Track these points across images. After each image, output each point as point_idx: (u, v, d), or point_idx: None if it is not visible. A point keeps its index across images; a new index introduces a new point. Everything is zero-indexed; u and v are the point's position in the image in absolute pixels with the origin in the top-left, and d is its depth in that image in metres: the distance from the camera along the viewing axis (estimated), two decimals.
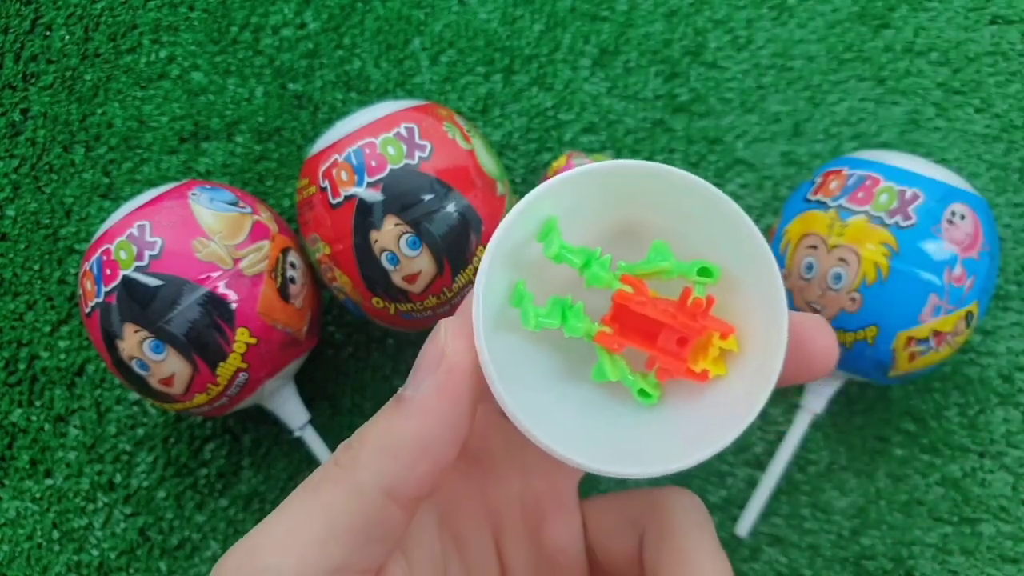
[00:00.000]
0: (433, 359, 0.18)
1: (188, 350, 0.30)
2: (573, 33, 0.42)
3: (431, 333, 0.19)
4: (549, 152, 0.40)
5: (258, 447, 0.38)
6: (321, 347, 0.39)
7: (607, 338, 0.19)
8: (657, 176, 0.18)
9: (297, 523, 0.18)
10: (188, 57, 0.42)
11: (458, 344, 0.18)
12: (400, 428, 0.18)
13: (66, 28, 0.43)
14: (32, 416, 0.39)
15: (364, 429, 0.18)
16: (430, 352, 0.18)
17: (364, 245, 0.31)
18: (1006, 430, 0.37)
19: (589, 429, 0.19)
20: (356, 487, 0.17)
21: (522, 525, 0.23)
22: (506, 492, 0.22)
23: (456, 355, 0.18)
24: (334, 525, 0.17)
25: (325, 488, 0.18)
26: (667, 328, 0.19)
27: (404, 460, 0.17)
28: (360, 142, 0.31)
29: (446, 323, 0.18)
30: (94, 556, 0.37)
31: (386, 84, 0.41)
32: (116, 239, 0.31)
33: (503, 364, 0.18)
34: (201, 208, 0.32)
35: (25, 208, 0.41)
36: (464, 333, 0.18)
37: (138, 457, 0.38)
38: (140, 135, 0.41)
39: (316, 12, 0.42)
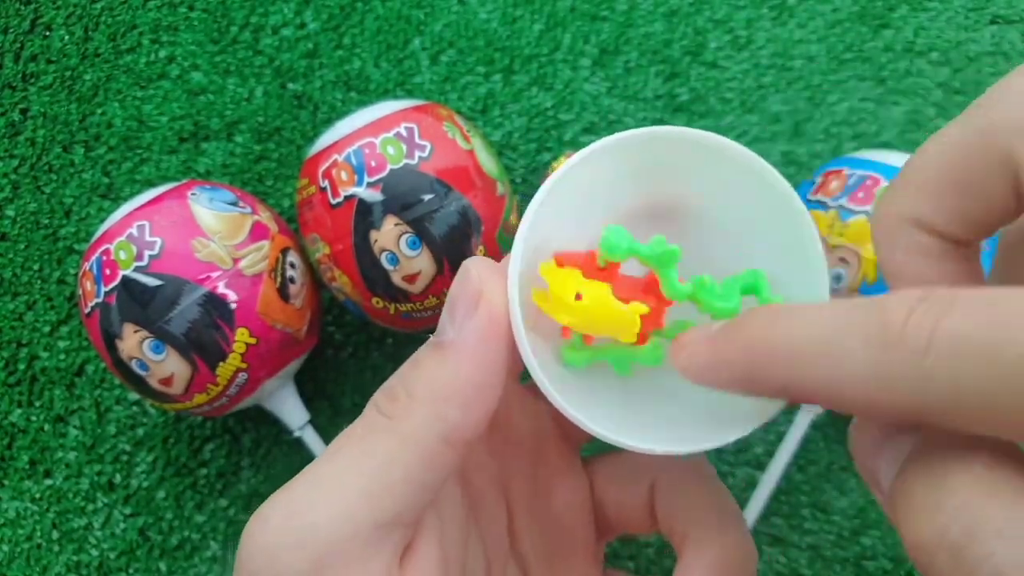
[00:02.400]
0: (470, 300, 0.17)
1: (188, 350, 0.30)
2: (573, 33, 0.42)
3: (460, 273, 0.18)
4: (549, 152, 0.40)
5: (258, 447, 0.38)
6: (321, 347, 0.38)
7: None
8: (707, 148, 0.18)
9: (345, 476, 0.17)
10: (188, 57, 0.42)
11: (494, 285, 0.17)
12: (451, 373, 0.17)
13: (66, 28, 0.43)
14: (32, 416, 0.39)
15: (407, 377, 0.18)
16: (464, 293, 0.18)
17: (364, 245, 0.31)
18: None
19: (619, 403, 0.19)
20: (412, 436, 0.17)
21: (531, 486, 0.22)
22: (516, 451, 0.22)
23: (494, 295, 0.17)
24: (388, 476, 0.17)
25: (376, 439, 0.17)
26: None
27: (459, 405, 0.17)
28: (360, 142, 0.31)
29: (475, 263, 0.18)
30: (94, 556, 0.37)
31: (386, 84, 0.41)
32: (116, 239, 0.31)
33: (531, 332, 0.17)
34: (201, 208, 0.32)
35: (25, 208, 0.41)
36: (497, 274, 0.18)
37: (138, 457, 0.38)
38: (140, 135, 0.41)
39: (316, 12, 0.42)
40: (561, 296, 0.18)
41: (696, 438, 0.18)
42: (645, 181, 0.19)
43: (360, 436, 0.17)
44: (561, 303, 0.18)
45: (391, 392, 0.18)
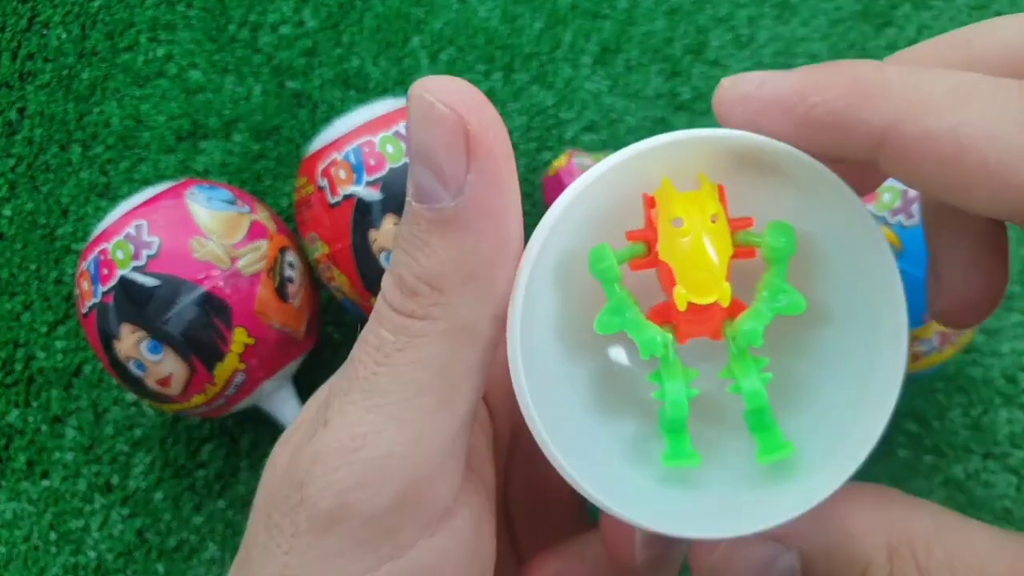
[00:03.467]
0: (456, 144, 0.14)
1: (185, 350, 0.30)
2: (574, 31, 0.41)
3: (416, 108, 0.14)
4: (550, 151, 0.40)
5: (256, 448, 0.37)
6: (319, 347, 0.38)
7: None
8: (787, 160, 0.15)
9: (404, 393, 0.15)
10: (186, 55, 0.42)
11: (479, 112, 0.14)
12: (473, 247, 0.15)
13: (63, 26, 0.43)
14: (29, 417, 0.38)
15: (423, 267, 0.15)
16: (445, 136, 0.14)
17: (363, 244, 0.31)
18: (1010, 431, 0.36)
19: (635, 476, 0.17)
20: (463, 328, 0.15)
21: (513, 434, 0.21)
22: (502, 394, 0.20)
23: (484, 127, 0.14)
24: (452, 382, 0.15)
25: (421, 344, 0.15)
26: None
27: (497, 278, 0.15)
28: (359, 140, 0.31)
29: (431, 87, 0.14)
30: (91, 558, 0.37)
31: (385, 82, 0.41)
32: (113, 239, 0.31)
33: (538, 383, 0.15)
34: (198, 207, 0.31)
35: (22, 208, 0.41)
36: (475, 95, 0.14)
37: (136, 458, 0.38)
38: (137, 134, 0.41)
39: (315, 10, 0.42)
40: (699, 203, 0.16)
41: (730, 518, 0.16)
42: None
43: (399, 348, 0.15)
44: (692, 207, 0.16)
45: (411, 289, 0.15)
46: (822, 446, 0.16)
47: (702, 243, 0.16)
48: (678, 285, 0.16)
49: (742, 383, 0.16)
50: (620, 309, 0.16)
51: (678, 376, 0.16)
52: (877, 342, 0.16)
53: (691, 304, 0.16)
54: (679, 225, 0.16)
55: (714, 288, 0.16)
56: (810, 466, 0.16)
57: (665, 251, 0.16)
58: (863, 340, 0.16)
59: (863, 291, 0.16)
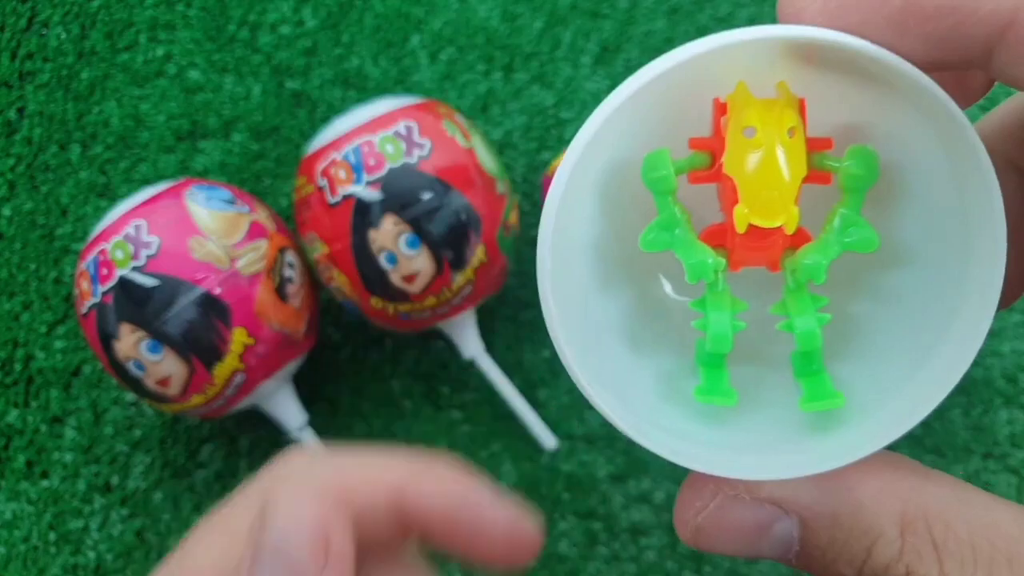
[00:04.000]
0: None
1: (185, 350, 0.30)
2: (574, 30, 0.41)
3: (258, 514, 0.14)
4: (550, 151, 0.40)
5: (256, 449, 0.37)
6: (319, 348, 0.38)
7: None
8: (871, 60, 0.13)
9: None
10: (185, 55, 0.42)
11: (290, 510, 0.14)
12: None
13: (63, 26, 0.42)
14: (28, 417, 0.38)
15: None
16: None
17: (362, 244, 0.31)
18: (1010, 431, 0.36)
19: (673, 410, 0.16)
20: None
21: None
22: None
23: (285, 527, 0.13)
24: None
25: None
26: None
27: None
28: (358, 140, 0.31)
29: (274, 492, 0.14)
30: (90, 558, 0.37)
31: (385, 82, 0.41)
32: (112, 238, 0.31)
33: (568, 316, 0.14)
34: (197, 207, 0.31)
35: (21, 207, 0.41)
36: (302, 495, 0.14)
37: (135, 459, 0.38)
38: (137, 134, 0.41)
39: (314, 9, 0.42)
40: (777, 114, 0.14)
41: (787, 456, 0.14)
42: None
43: None
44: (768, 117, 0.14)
45: None
46: (874, 398, 0.15)
47: (775, 158, 0.14)
48: (740, 204, 0.14)
49: (796, 321, 0.14)
50: (670, 225, 0.14)
51: (725, 306, 0.15)
52: (961, 289, 0.14)
53: (752, 227, 0.14)
54: (751, 135, 0.14)
55: (781, 211, 0.14)
56: (858, 418, 0.14)
57: (731, 164, 0.14)
58: (942, 286, 0.14)
59: (952, 230, 0.14)
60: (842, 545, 0.14)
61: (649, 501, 0.36)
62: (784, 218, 0.14)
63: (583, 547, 0.36)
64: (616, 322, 0.16)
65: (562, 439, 0.37)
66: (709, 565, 0.35)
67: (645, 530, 0.36)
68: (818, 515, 0.14)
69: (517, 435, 0.37)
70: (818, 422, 0.15)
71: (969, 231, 0.14)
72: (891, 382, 0.15)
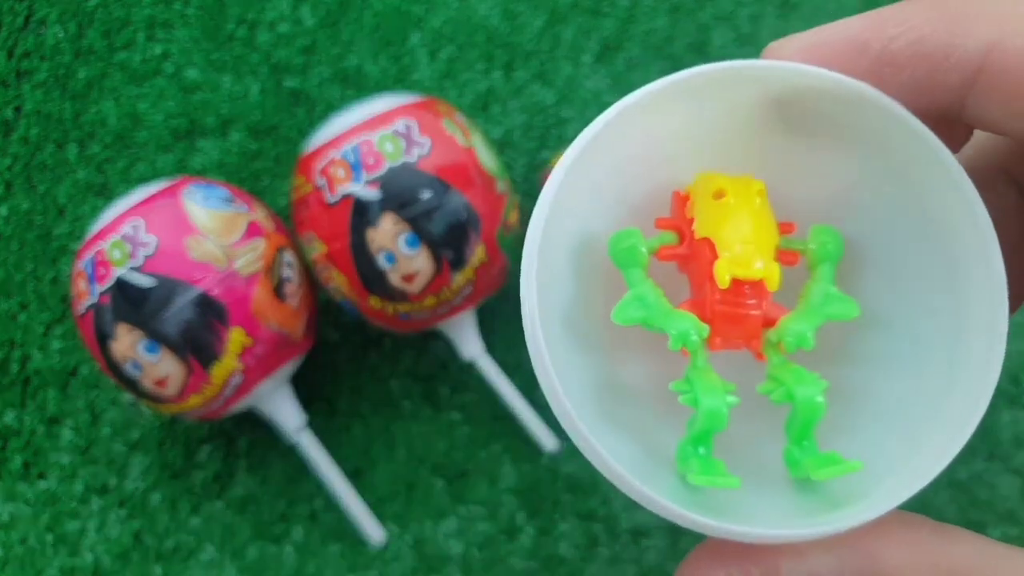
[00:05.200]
0: None
1: (182, 351, 0.30)
2: (574, 29, 0.41)
3: None
4: (550, 149, 0.40)
5: (254, 450, 0.37)
6: (317, 348, 0.38)
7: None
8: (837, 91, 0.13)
9: None
10: (183, 54, 0.41)
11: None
12: None
13: (60, 24, 0.42)
14: (25, 418, 0.38)
15: None
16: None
17: (361, 244, 0.31)
18: (1013, 433, 0.36)
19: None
20: None
21: None
22: None
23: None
24: None
25: None
26: None
27: None
28: (357, 139, 0.31)
29: None
30: (88, 560, 0.36)
31: (384, 80, 0.41)
32: (109, 238, 0.30)
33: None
34: (195, 206, 0.31)
35: (18, 207, 0.40)
36: None
37: (133, 460, 0.37)
38: (134, 133, 0.41)
39: (313, 7, 0.42)
40: (744, 183, 0.14)
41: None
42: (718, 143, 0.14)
43: None
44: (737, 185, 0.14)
45: None
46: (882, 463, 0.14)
47: (748, 213, 0.14)
48: (719, 259, 0.14)
49: (795, 391, 0.14)
50: (643, 297, 0.14)
51: (713, 381, 0.14)
52: (958, 347, 0.14)
53: (734, 283, 0.14)
54: (720, 198, 0.14)
55: (760, 260, 0.13)
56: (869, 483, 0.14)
57: (704, 226, 0.14)
58: (937, 345, 0.14)
59: (944, 281, 0.14)
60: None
61: None
62: (765, 269, 0.14)
63: (584, 549, 0.35)
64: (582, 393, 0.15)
65: (562, 440, 0.36)
66: None
67: (646, 532, 0.35)
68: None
69: (517, 436, 0.36)
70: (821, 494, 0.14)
71: (960, 275, 0.13)
72: (896, 445, 0.14)
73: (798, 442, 0.14)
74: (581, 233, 0.15)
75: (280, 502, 0.36)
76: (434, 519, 0.36)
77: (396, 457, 0.37)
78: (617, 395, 0.16)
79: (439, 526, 0.36)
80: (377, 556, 0.36)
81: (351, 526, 0.35)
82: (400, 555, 0.36)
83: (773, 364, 0.14)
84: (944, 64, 0.12)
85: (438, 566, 0.35)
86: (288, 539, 0.36)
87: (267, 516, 0.36)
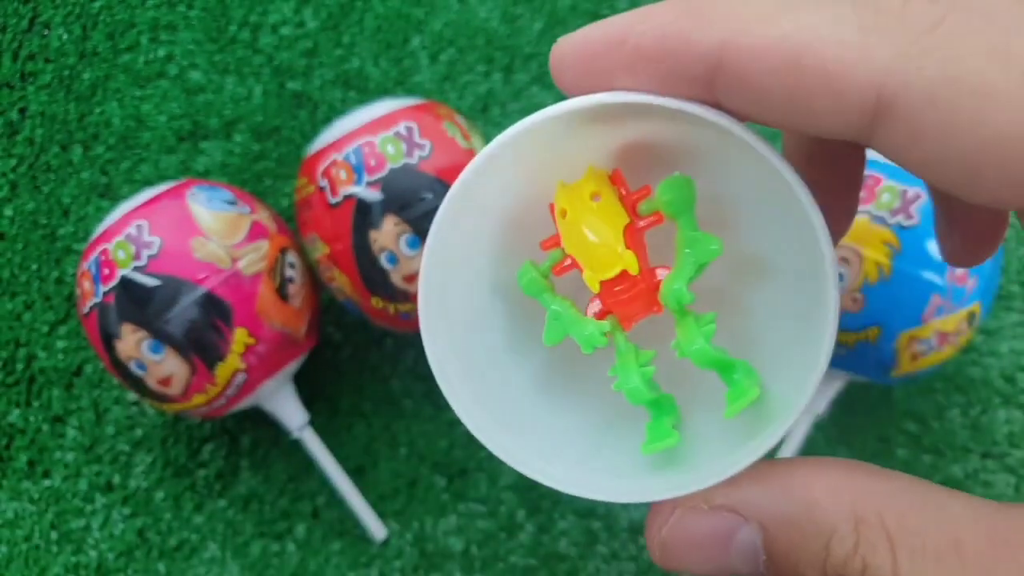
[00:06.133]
0: None
1: (186, 350, 0.30)
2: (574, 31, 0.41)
3: None
4: None
5: (257, 448, 0.37)
6: (320, 348, 0.38)
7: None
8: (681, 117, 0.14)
9: None
10: (186, 56, 0.42)
11: None
12: None
13: (64, 27, 0.43)
14: (30, 417, 0.38)
15: None
16: None
17: (363, 245, 0.31)
18: (1009, 431, 0.36)
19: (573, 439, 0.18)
20: None
21: None
22: None
23: None
24: None
25: None
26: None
27: None
28: (359, 141, 0.31)
29: None
30: (92, 557, 0.37)
31: (385, 83, 0.41)
32: (114, 239, 0.31)
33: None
34: (199, 207, 0.31)
35: (23, 208, 0.41)
36: None
37: (136, 458, 0.38)
38: (138, 134, 0.41)
39: (315, 10, 0.42)
40: (578, 190, 0.16)
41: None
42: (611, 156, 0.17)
43: None
44: (573, 196, 0.16)
45: None
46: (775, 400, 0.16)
47: (587, 219, 0.16)
48: (584, 270, 0.16)
49: (685, 347, 0.16)
50: (558, 316, 0.16)
51: (631, 362, 0.16)
52: (813, 294, 0.15)
53: (603, 284, 0.16)
54: (564, 216, 0.16)
55: (614, 260, 0.16)
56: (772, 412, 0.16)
57: (567, 243, 0.16)
58: (800, 293, 0.16)
59: (792, 241, 0.16)
60: (801, 547, 0.14)
61: None
62: (619, 264, 0.16)
63: (583, 546, 0.36)
64: (532, 381, 0.18)
65: None
66: None
67: (644, 529, 0.36)
68: (774, 517, 0.15)
69: None
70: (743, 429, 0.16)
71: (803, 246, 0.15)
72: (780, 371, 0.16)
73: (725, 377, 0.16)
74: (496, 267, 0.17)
75: (282, 500, 0.37)
76: (435, 516, 0.36)
77: (397, 455, 0.37)
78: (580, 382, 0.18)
79: (440, 523, 0.36)
80: (378, 553, 0.36)
81: (353, 523, 0.36)
82: (401, 552, 0.36)
83: (677, 323, 0.16)
84: (686, 58, 0.13)
85: (439, 563, 0.36)
86: (290, 536, 0.36)
87: (269, 514, 0.36)
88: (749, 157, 0.15)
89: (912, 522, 0.14)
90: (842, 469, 0.15)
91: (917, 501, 0.14)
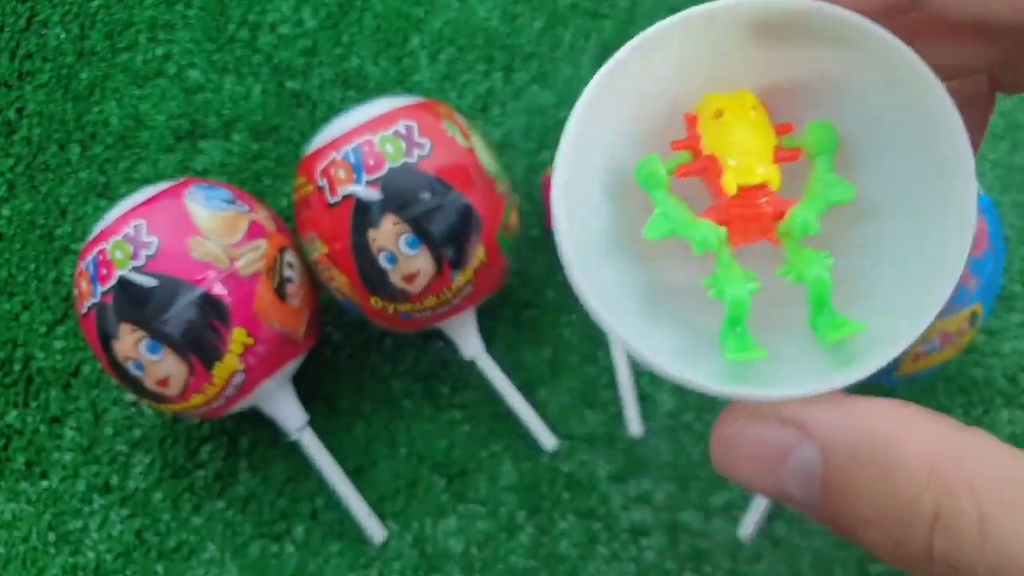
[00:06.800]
0: None
1: (184, 351, 0.30)
2: (574, 31, 0.41)
3: None
4: (549, 151, 0.40)
5: (255, 448, 0.37)
6: (319, 348, 0.38)
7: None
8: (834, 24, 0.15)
9: None
10: (185, 55, 0.42)
11: None
12: None
13: (62, 26, 0.42)
14: (28, 417, 0.38)
15: None
16: None
17: (362, 244, 0.31)
18: (1011, 431, 0.36)
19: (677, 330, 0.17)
20: None
21: None
22: None
23: None
24: None
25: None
26: None
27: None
28: (358, 140, 0.31)
29: None
30: (90, 558, 0.37)
31: (385, 82, 0.41)
32: (112, 238, 0.31)
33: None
34: (197, 207, 0.31)
35: (20, 208, 0.41)
36: None
37: (135, 459, 0.38)
38: (136, 134, 0.41)
39: (314, 9, 0.42)
40: (740, 98, 0.16)
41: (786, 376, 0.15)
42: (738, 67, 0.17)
43: None
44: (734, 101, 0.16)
45: None
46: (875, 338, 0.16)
47: (744, 125, 0.16)
48: (725, 170, 0.16)
49: (804, 272, 0.16)
50: (668, 213, 0.16)
51: (736, 273, 0.16)
52: (941, 235, 0.15)
53: (741, 190, 0.16)
54: (720, 117, 0.16)
55: (763, 166, 0.16)
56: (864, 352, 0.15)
57: (709, 143, 0.16)
58: (925, 234, 0.16)
59: (926, 178, 0.15)
60: (863, 480, 0.13)
61: (649, 502, 0.36)
62: (766, 174, 0.16)
63: (583, 547, 0.36)
64: (631, 299, 0.18)
65: (562, 439, 0.37)
66: (709, 565, 0.35)
67: (645, 530, 0.36)
68: (840, 444, 0.14)
69: (517, 435, 0.37)
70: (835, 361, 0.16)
71: (942, 172, 0.15)
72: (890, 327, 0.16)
73: (818, 313, 0.16)
74: (610, 164, 0.17)
75: (281, 501, 0.36)
76: (434, 517, 0.36)
77: (397, 456, 0.37)
78: (664, 296, 0.18)
79: (439, 524, 0.36)
80: (378, 554, 0.36)
81: (352, 524, 0.36)
82: (401, 553, 0.36)
83: (789, 251, 0.16)
84: None
85: (439, 564, 0.36)
86: (289, 537, 0.36)
87: (268, 515, 0.36)
88: (890, 94, 0.15)
89: (996, 471, 0.13)
90: (921, 412, 0.14)
91: (996, 450, 0.13)
